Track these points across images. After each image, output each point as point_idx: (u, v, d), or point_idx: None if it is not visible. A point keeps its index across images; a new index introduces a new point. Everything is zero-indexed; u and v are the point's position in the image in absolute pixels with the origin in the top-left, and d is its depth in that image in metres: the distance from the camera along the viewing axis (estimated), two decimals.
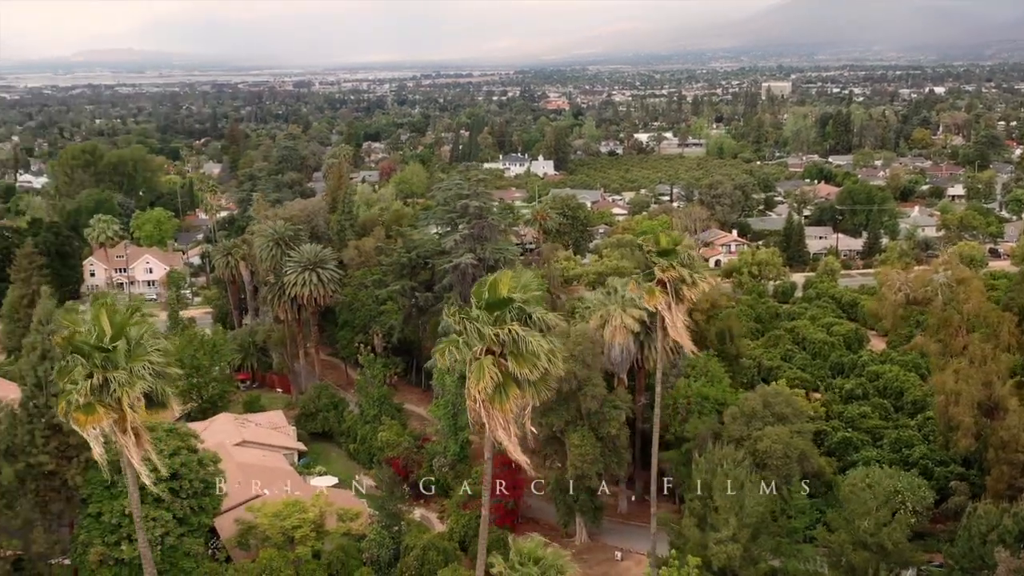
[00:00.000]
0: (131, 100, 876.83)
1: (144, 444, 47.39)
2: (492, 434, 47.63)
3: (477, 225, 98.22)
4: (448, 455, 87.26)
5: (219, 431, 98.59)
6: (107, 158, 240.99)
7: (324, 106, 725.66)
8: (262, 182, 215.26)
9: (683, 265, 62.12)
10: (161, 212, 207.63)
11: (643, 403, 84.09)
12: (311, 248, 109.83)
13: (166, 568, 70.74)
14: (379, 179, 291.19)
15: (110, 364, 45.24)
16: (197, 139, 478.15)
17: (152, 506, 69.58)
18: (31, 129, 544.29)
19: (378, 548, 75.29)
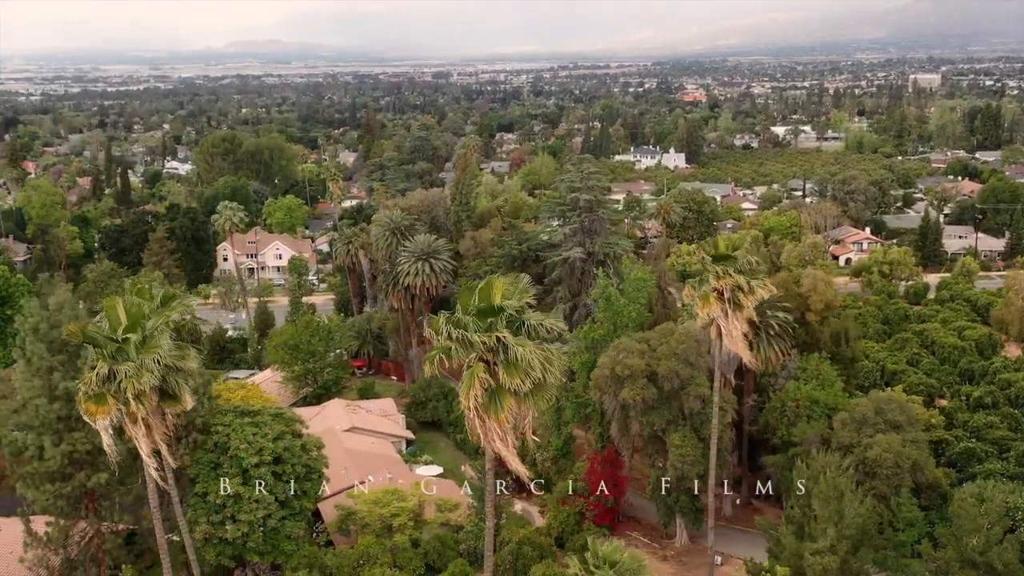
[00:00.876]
0: (276, 90, 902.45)
1: (155, 437, 48.05)
2: (489, 445, 46.82)
3: (587, 219, 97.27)
4: (550, 450, 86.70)
5: (330, 416, 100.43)
6: (245, 146, 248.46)
7: (461, 97, 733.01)
8: (391, 171, 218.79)
9: (740, 272, 59.90)
10: (292, 200, 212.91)
11: (751, 404, 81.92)
12: (425, 238, 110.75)
13: (268, 550, 72.24)
14: (509, 170, 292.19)
15: (121, 355, 46.07)
16: (336, 128, 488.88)
17: (254, 488, 71.25)
18: (181, 117, 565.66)
19: (475, 540, 75.33)
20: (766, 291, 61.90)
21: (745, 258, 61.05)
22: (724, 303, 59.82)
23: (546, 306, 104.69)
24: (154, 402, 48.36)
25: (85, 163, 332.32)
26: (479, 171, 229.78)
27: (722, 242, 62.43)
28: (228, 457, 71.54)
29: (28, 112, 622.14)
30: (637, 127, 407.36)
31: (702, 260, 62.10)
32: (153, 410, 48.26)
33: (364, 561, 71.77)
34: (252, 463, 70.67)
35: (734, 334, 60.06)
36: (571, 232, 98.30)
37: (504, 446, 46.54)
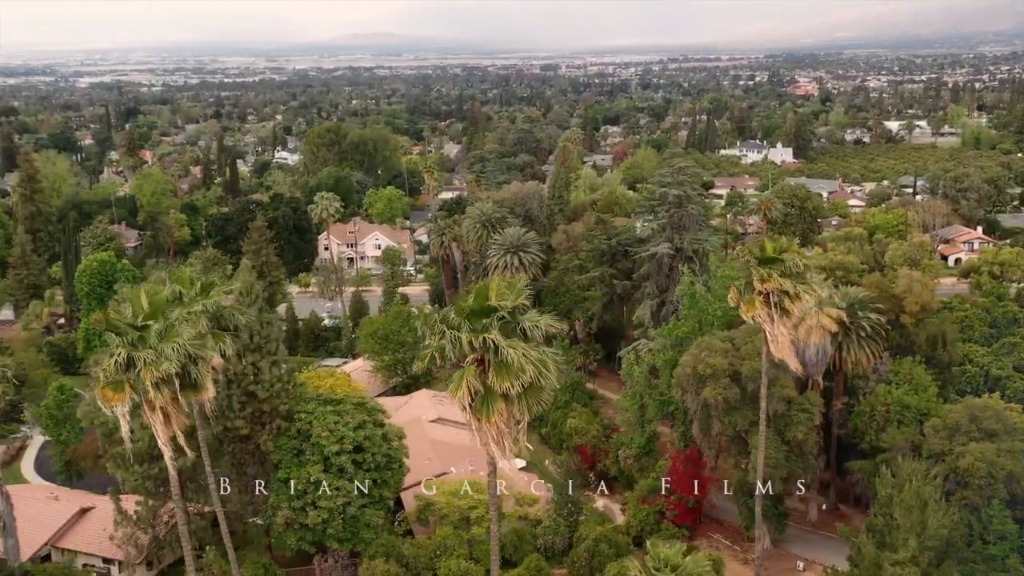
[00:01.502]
0: (386, 82, 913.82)
1: (173, 425, 48.67)
2: (483, 446, 46.39)
3: (676, 214, 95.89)
4: (634, 447, 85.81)
5: (417, 406, 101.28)
6: (350, 137, 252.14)
7: (568, 89, 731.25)
8: (491, 163, 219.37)
9: (786, 275, 57.91)
10: (392, 191, 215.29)
11: (840, 407, 79.70)
12: (514, 231, 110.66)
13: (347, 537, 73.17)
14: (612, 163, 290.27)
15: (141, 343, 46.83)
16: (443, 120, 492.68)
17: (336, 476, 72.21)
18: (293, 108, 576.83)
19: (552, 535, 75.16)
20: (813, 297, 59.73)
21: (793, 261, 59.11)
22: (770, 307, 58.01)
23: (635, 302, 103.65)
24: (175, 390, 49.10)
25: (199, 152, 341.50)
26: (580, 164, 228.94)
27: (769, 244, 60.66)
28: (310, 445, 72.71)
29: (148, 102, 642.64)
30: (745, 121, 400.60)
31: (747, 262, 60.42)
32: (171, 399, 48.77)
33: (441, 552, 72.12)
34: (333, 451, 71.67)
35: (779, 340, 58.31)
36: (659, 227, 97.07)
37: (498, 448, 46.07)
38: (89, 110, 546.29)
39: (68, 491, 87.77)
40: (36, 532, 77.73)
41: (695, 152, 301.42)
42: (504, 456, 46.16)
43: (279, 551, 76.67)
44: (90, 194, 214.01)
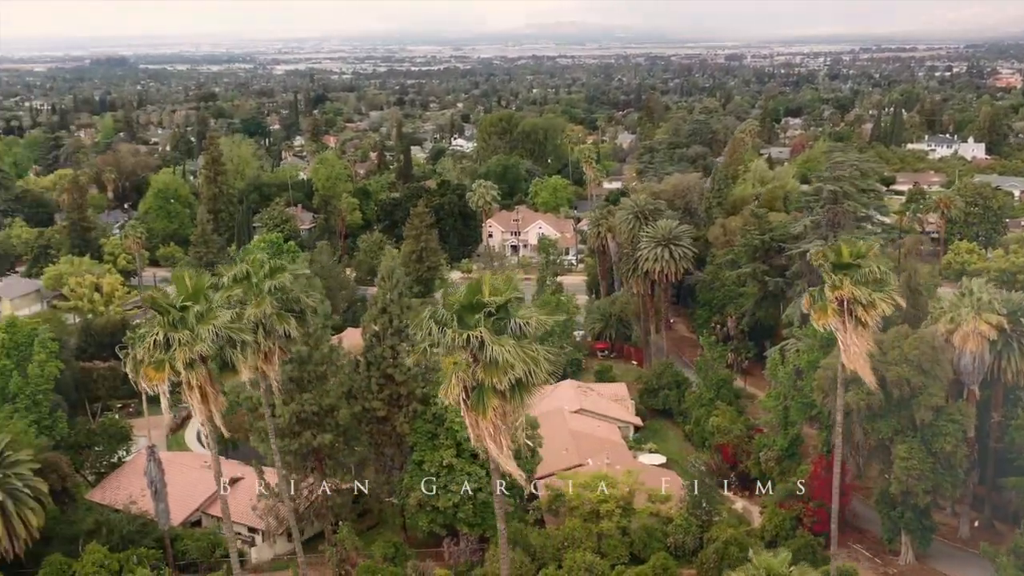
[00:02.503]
0: (568, 71, 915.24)
1: (211, 404, 49.51)
2: (479, 442, 46.35)
3: (831, 210, 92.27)
4: (775, 448, 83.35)
5: (560, 397, 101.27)
6: (521, 126, 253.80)
7: (751, 80, 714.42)
8: (659, 154, 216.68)
9: (861, 283, 54.16)
10: (558, 180, 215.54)
11: (998, 420, 75.13)
12: (666, 223, 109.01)
13: (477, 522, 74.02)
14: (789, 156, 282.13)
15: (181, 324, 47.92)
16: (620, 110, 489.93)
17: (468, 461, 73.08)
18: (474, 97, 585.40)
19: (683, 534, 73.87)
20: (888, 306, 55.97)
21: (870, 268, 55.59)
22: (844, 315, 54.85)
23: (788, 299, 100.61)
24: (211, 371, 50.44)
25: (379, 139, 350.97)
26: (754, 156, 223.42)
27: (846, 249, 57.27)
28: (444, 429, 73.84)
29: (337, 89, 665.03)
30: (936, 114, 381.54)
31: (820, 266, 57.30)
32: (208, 379, 50.05)
33: (568, 544, 71.99)
34: (465, 436, 72.46)
35: (852, 350, 55.07)
36: (813, 224, 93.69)
37: (494, 444, 45.85)
38: (282, 96, 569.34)
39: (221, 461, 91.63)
40: (189, 498, 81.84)
41: (879, 146, 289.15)
42: (500, 452, 45.91)
43: (413, 532, 78.24)
44: (271, 177, 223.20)
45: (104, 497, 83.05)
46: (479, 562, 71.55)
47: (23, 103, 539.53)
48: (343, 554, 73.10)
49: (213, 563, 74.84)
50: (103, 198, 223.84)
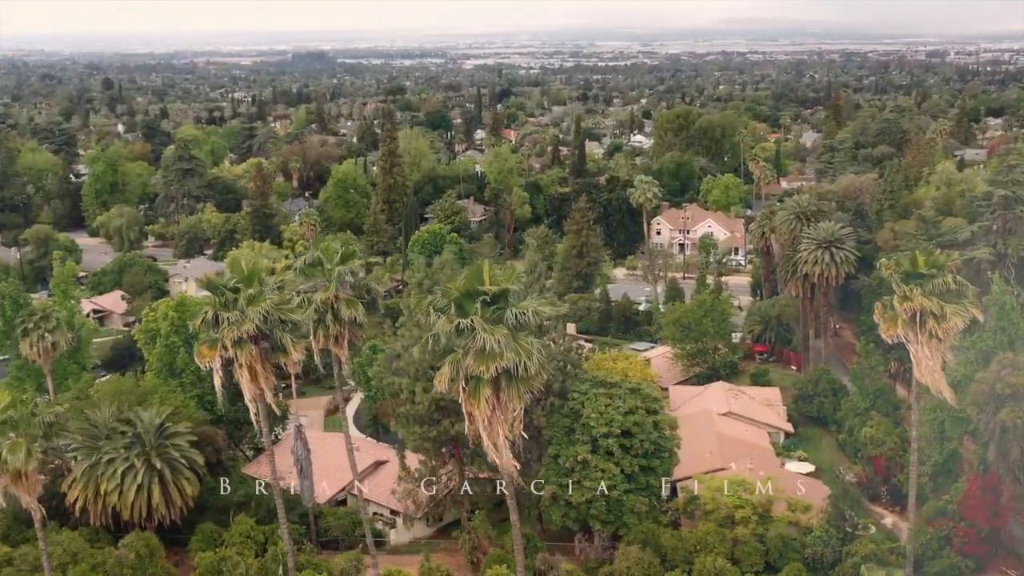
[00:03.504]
0: (757, 67, 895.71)
1: (261, 382, 50.19)
2: (470, 433, 48.37)
3: (1001, 217, 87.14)
4: (929, 464, 79.54)
5: (709, 398, 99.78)
6: (699, 123, 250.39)
7: (953, 77, 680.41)
8: (839, 154, 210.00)
9: (932, 294, 49.87)
10: (731, 178, 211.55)
11: None
12: (828, 225, 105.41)
13: (610, 519, 73.80)
14: (986, 158, 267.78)
15: (231, 305, 48.88)
16: (808, 108, 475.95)
17: (603, 458, 72.94)
18: (658, 93, 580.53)
19: (822, 546, 71.51)
20: (962, 320, 51.75)
21: (944, 279, 51.62)
22: (915, 328, 51.21)
23: None
24: (257, 350, 51.31)
25: (558, 134, 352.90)
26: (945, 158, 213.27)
27: (922, 258, 53.33)
28: (580, 424, 73.92)
29: (522, 84, 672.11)
30: None
31: (891, 276, 53.57)
32: (258, 358, 51.35)
33: (700, 548, 70.98)
34: (601, 432, 72.49)
35: (924, 363, 51.45)
36: (982, 230, 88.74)
37: (487, 435, 46.71)
38: (468, 91, 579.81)
39: (371, 443, 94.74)
40: (335, 478, 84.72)
41: None
42: (494, 441, 46.84)
43: (548, 525, 78.64)
44: (446, 170, 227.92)
45: (258, 472, 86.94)
46: (609, 560, 71.37)
47: (227, 95, 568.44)
48: (475, 541, 74.45)
49: (353, 541, 77.32)
50: (288, 186, 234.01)
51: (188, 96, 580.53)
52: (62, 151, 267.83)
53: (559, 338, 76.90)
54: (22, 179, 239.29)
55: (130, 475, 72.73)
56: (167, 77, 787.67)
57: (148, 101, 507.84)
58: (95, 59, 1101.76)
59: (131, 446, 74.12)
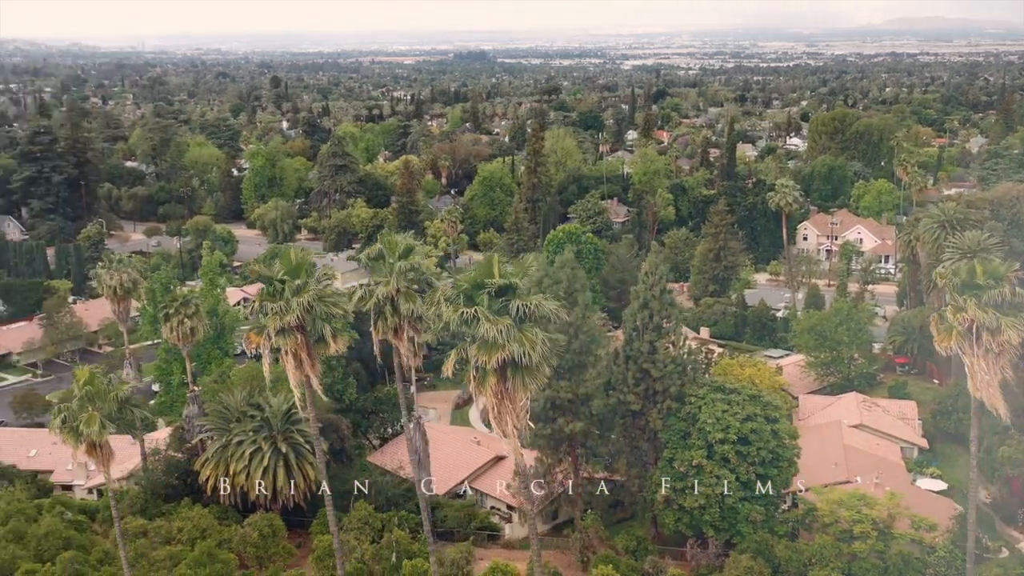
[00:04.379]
0: (928, 69, 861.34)
1: (306, 369, 52.12)
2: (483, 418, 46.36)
3: None
4: None
5: (840, 409, 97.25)
6: (855, 126, 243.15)
7: None
8: (1003, 161, 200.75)
9: (988, 307, 45.93)
10: (883, 183, 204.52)
11: None
12: (974, 235, 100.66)
13: (724, 526, 72.89)
14: None
15: (278, 295, 49.62)
16: (979, 112, 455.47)
17: (717, 464, 72.05)
18: (820, 95, 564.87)
19: (945, 567, 68.85)
20: (1019, 334, 48.15)
21: (1001, 291, 48.18)
22: (971, 340, 48.05)
23: None
24: (300, 340, 53.44)
25: (711, 135, 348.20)
26: None
27: (980, 268, 49.86)
28: (696, 429, 73.24)
29: (679, 85, 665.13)
30: None
31: (947, 285, 50.20)
32: (302, 347, 53.30)
33: (815, 561, 69.35)
34: (717, 439, 71.69)
35: (979, 377, 48.46)
36: None
37: (496, 423, 48.71)
38: (624, 91, 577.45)
39: (494, 439, 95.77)
40: (454, 470, 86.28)
41: None
42: (503, 429, 48.75)
43: (663, 529, 78.12)
44: (592, 170, 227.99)
45: (382, 461, 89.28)
46: (719, 567, 70.47)
47: (388, 93, 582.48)
48: (585, 540, 74.65)
49: (468, 533, 78.52)
50: (436, 184, 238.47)
51: (351, 94, 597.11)
52: (226, 146, 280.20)
53: (678, 341, 76.17)
54: (188, 172, 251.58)
55: (257, 457, 75.95)
56: (333, 76, 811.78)
57: (312, 99, 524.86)
58: (267, 58, 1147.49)
59: (259, 429, 77.39)
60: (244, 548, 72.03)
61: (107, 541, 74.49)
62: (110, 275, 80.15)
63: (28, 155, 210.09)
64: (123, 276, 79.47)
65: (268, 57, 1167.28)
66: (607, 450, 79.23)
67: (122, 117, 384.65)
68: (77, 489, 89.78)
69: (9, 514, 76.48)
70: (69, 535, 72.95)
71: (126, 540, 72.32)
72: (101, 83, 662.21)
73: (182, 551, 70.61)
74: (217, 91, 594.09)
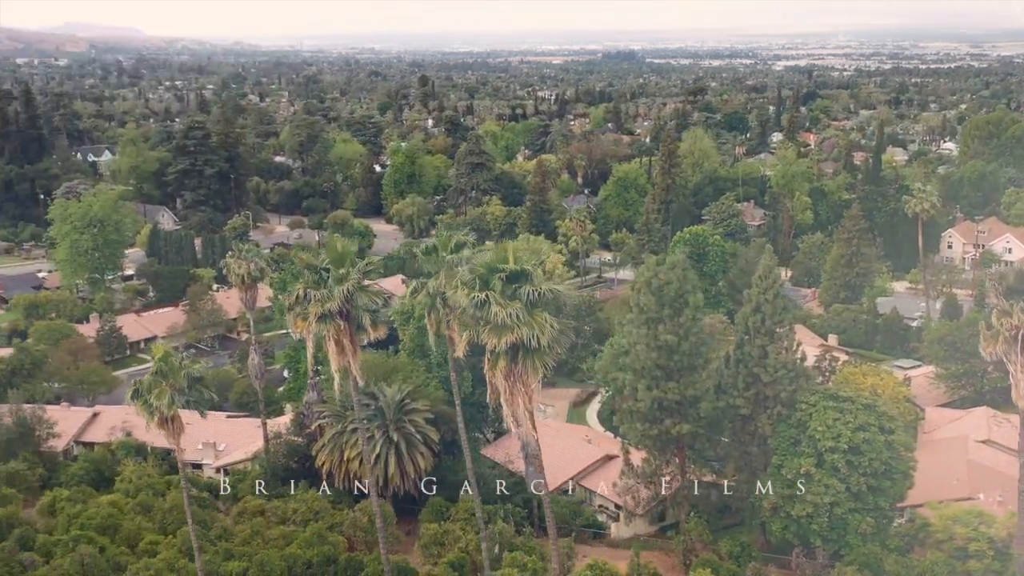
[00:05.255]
0: None
1: (348, 355, 53.89)
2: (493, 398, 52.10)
3: None
4: None
5: (968, 424, 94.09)
6: (1011, 131, 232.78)
7: None
8: None
9: None
10: None
11: None
12: None
13: (832, 537, 71.46)
14: None
15: (321, 283, 50.19)
16: None
17: (827, 473, 70.61)
18: (981, 98, 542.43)
19: None
20: None
21: None
22: (1016, 348, 45.01)
23: None
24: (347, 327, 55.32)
25: (860, 138, 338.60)
26: None
27: None
28: (806, 436, 71.98)
29: (832, 87, 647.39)
30: None
31: (993, 290, 46.93)
32: (344, 333, 55.16)
33: None
34: (827, 447, 70.37)
35: (1021, 387, 45.42)
36: None
37: (507, 404, 51.26)
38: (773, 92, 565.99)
39: (607, 438, 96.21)
40: (563, 467, 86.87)
41: None
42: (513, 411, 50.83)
43: (771, 536, 77.04)
44: (728, 172, 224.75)
45: (494, 454, 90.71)
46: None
47: (533, 93, 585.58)
48: (689, 544, 74.23)
49: (572, 530, 79.07)
50: (572, 183, 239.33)
51: (497, 93, 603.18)
52: (370, 143, 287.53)
53: (791, 346, 74.92)
54: (333, 167, 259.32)
55: (369, 445, 78.16)
56: (481, 75, 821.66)
57: (458, 97, 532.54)
58: (419, 57, 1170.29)
59: (373, 418, 79.66)
60: (354, 532, 74.27)
61: (227, 518, 77.99)
62: (238, 264, 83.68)
63: (183, 149, 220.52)
64: (250, 265, 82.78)
65: (420, 56, 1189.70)
66: (715, 454, 78.61)
67: (276, 114, 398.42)
68: (206, 468, 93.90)
69: (139, 488, 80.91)
70: (191, 510, 76.54)
71: (244, 519, 75.85)
72: (259, 80, 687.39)
73: (295, 531, 73.36)
74: (368, 89, 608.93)
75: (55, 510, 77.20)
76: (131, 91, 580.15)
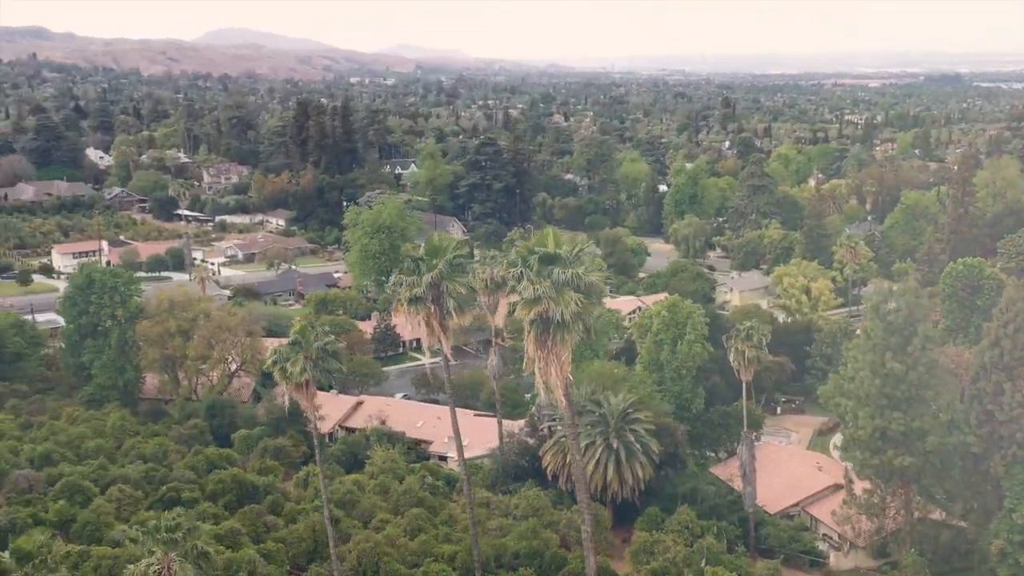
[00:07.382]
0: None
1: (436, 334, 61.69)
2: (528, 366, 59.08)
3: None
4: None
5: None
6: None
7: None
8: None
9: None
10: None
11: None
12: None
13: None
14: None
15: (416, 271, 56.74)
16: None
17: None
18: None
19: None
20: None
21: None
22: None
23: None
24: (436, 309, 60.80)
25: None
26: None
27: None
28: None
29: None
30: None
31: None
32: (435, 314, 60.78)
33: None
34: None
35: None
36: None
37: (540, 373, 57.26)
38: None
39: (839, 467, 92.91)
40: (788, 491, 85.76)
41: None
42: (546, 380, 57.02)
43: None
44: None
45: (721, 473, 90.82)
46: None
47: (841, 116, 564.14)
48: None
49: (789, 554, 78.05)
50: (860, 209, 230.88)
51: (803, 116, 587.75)
52: (657, 163, 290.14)
53: None
54: (617, 185, 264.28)
55: (590, 450, 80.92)
56: (790, 98, 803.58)
57: (759, 120, 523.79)
58: (728, 79, 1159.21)
59: (596, 424, 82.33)
60: (568, 531, 77.21)
61: (456, 507, 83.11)
62: (483, 269, 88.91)
63: (475, 164, 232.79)
64: (493, 272, 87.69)
65: (729, 79, 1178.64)
66: (945, 492, 75.14)
67: (576, 133, 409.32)
68: (450, 460, 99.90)
69: (382, 470, 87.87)
70: (422, 496, 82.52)
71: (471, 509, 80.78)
72: (567, 100, 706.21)
73: (513, 524, 77.31)
74: (671, 110, 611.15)
75: (307, 484, 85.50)
76: (446, 108, 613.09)
